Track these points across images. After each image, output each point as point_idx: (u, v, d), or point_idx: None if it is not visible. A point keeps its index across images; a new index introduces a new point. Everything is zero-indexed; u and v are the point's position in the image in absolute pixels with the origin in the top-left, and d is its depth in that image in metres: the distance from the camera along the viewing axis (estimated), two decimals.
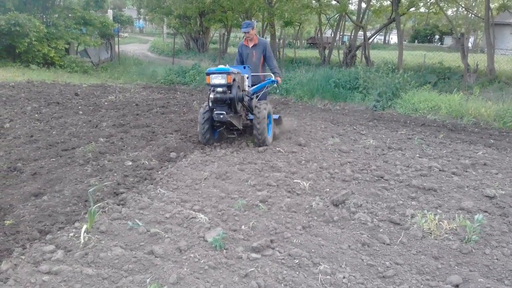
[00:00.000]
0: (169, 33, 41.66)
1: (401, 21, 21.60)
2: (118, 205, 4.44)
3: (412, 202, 4.81)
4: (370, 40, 22.59)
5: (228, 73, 6.08)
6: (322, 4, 21.33)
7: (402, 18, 21.60)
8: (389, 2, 21.62)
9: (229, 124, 6.72)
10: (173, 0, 24.89)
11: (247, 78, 7.00)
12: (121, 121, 8.54)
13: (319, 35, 27.40)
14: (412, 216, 4.34)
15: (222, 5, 22.89)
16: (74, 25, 19.37)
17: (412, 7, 20.34)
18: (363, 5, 22.10)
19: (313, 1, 21.71)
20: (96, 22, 20.05)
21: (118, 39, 23.27)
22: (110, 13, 24.61)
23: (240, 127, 6.88)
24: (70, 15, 19.49)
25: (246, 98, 6.73)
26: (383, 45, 54.03)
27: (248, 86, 7.08)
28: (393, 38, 68.03)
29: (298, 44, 39.76)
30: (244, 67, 7.27)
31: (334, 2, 21.29)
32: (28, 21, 16.30)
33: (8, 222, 3.96)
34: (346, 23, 27.34)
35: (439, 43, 67.74)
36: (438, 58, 22.76)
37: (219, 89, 6.13)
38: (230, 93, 6.21)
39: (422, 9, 22.36)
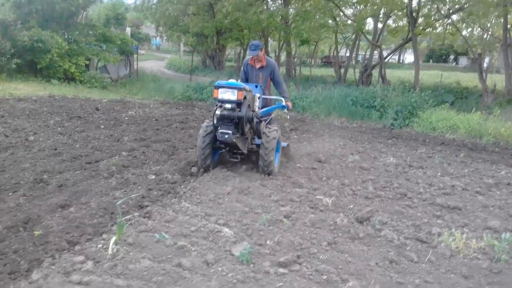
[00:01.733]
0: (185, 50, 42.34)
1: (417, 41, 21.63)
2: (144, 217, 4.47)
3: (438, 221, 4.77)
4: (386, 60, 22.69)
5: (239, 89, 5.49)
6: (339, 24, 21.56)
7: (417, 38, 21.63)
8: (405, 22, 21.75)
9: (233, 146, 6.03)
10: (190, 19, 25.36)
11: (259, 98, 6.36)
12: (142, 136, 8.65)
13: (334, 54, 27.63)
14: (439, 235, 4.30)
15: (240, 24, 23.24)
16: (94, 42, 19.81)
17: (428, 28, 20.41)
18: (379, 25, 22.27)
19: (330, 21, 21.96)
20: (116, 39, 20.47)
21: (137, 56, 23.69)
22: (128, 30, 25.12)
23: (245, 151, 6.15)
24: (91, 32, 19.94)
25: (255, 120, 6.06)
26: (397, 64, 54.05)
27: (258, 107, 6.39)
28: (408, 57, 68.04)
29: (313, 63, 39.98)
30: (256, 86, 6.67)
31: (350, 22, 21.46)
32: (51, 37, 16.73)
33: (37, 232, 4.02)
34: (361, 42, 27.50)
35: (454, 63, 67.48)
36: (454, 78, 22.74)
37: (228, 106, 5.50)
38: (240, 111, 5.57)
39: (439, 29, 22.34)
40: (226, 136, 5.56)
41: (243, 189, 5.53)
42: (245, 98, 5.60)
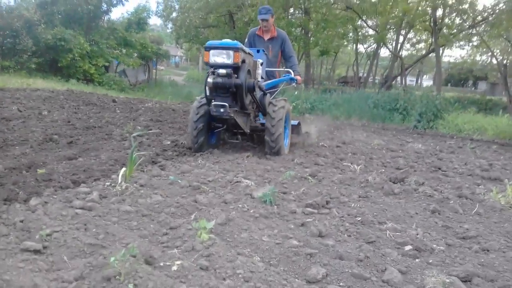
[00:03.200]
0: (204, 67, 42.61)
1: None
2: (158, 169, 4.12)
3: (480, 187, 4.30)
4: (407, 72, 22.31)
5: (236, 49, 4.35)
6: (359, 34, 21.35)
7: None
8: (426, 35, 21.49)
9: (231, 124, 4.97)
10: (210, 30, 25.45)
11: (261, 65, 5.24)
12: (158, 118, 8.38)
13: (353, 70, 27.35)
14: (485, 193, 3.84)
15: None
16: (115, 45, 19.90)
17: (452, 38, 20.05)
18: (401, 38, 22.02)
19: (351, 33, 21.78)
20: (136, 43, 20.57)
21: (157, 60, 23.76)
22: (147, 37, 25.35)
23: (247, 130, 5.10)
24: (112, 36, 20.06)
25: (259, 92, 5.01)
26: (415, 87, 53.50)
27: (262, 77, 5.41)
28: (425, 83, 67.32)
29: (330, 84, 39.81)
30: (258, 51, 5.60)
31: (371, 32, 21.25)
32: (73, 37, 16.83)
33: (40, 171, 3.70)
34: (380, 62, 27.23)
35: (473, 88, 66.56)
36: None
37: (222, 71, 4.35)
38: (237, 77, 4.45)
39: (462, 42, 21.95)
40: (222, 109, 4.43)
41: (264, 155, 5.15)
42: (243, 62, 4.53)
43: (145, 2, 54.82)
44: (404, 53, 24.94)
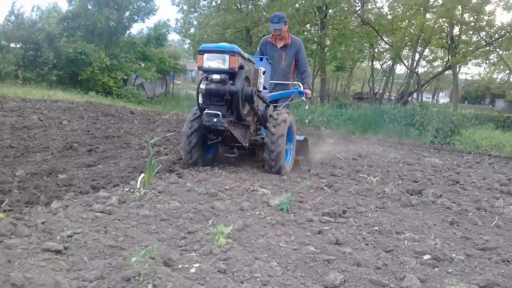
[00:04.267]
0: None
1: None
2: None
3: (499, 200, 4.23)
4: (424, 88, 22.18)
5: (232, 53, 3.97)
6: (375, 50, 21.36)
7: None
8: (441, 53, 21.41)
9: (228, 136, 4.47)
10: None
11: (263, 73, 4.70)
12: (175, 128, 8.47)
13: (370, 85, 27.31)
14: (504, 207, 3.78)
15: None
16: (134, 59, 20.27)
17: (468, 55, 19.93)
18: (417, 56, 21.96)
19: (367, 48, 21.80)
20: (155, 58, 20.92)
21: (174, 75, 24.08)
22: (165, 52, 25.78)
23: (245, 143, 4.56)
24: (131, 50, 20.45)
25: (261, 104, 4.71)
26: (431, 105, 53.01)
27: (265, 87, 5.00)
28: (441, 100, 66.66)
29: (345, 99, 39.74)
30: (261, 59, 5.20)
31: (387, 46, 21.24)
32: (94, 51, 17.21)
33: (61, 176, 3.78)
34: (396, 73, 27.19)
35: (490, 106, 65.65)
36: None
37: (216, 77, 3.95)
38: (233, 84, 4.02)
39: (479, 60, 21.77)
40: (215, 119, 3.97)
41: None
42: (241, 67, 4.12)
43: (165, 19, 55.87)
44: (420, 70, 24.89)
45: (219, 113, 3.95)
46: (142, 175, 3.40)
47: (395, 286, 2.08)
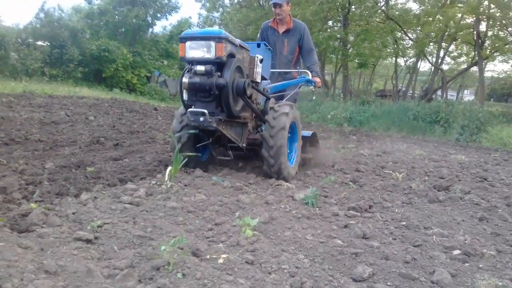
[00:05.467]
0: None
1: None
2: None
3: None
4: (449, 84, 21.75)
5: (218, 39, 3.33)
6: (399, 46, 21.02)
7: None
8: (466, 49, 20.94)
9: (222, 136, 3.93)
10: None
11: (261, 61, 4.03)
12: None
13: (393, 82, 26.91)
14: None
15: None
16: (157, 56, 20.49)
17: (496, 51, 19.45)
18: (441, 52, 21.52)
19: (390, 44, 21.49)
20: (178, 55, 21.08)
21: None
22: None
23: (242, 144, 3.96)
24: (154, 48, 20.67)
25: (260, 98, 4.18)
26: (457, 102, 51.93)
27: (265, 78, 4.41)
28: (466, 97, 65.13)
29: (368, 97, 39.29)
30: (259, 45, 4.52)
31: (411, 43, 20.91)
32: (117, 48, 17.47)
33: (90, 169, 3.85)
34: (419, 70, 26.74)
35: None
36: None
37: (200, 68, 3.34)
38: (221, 76, 3.42)
39: (507, 55, 21.19)
40: (201, 119, 3.40)
41: (302, 159, 5.13)
42: (231, 56, 3.52)
43: (187, 16, 56.32)
44: (444, 67, 24.39)
45: (205, 111, 3.38)
46: (169, 168, 3.43)
47: (425, 280, 2.05)
